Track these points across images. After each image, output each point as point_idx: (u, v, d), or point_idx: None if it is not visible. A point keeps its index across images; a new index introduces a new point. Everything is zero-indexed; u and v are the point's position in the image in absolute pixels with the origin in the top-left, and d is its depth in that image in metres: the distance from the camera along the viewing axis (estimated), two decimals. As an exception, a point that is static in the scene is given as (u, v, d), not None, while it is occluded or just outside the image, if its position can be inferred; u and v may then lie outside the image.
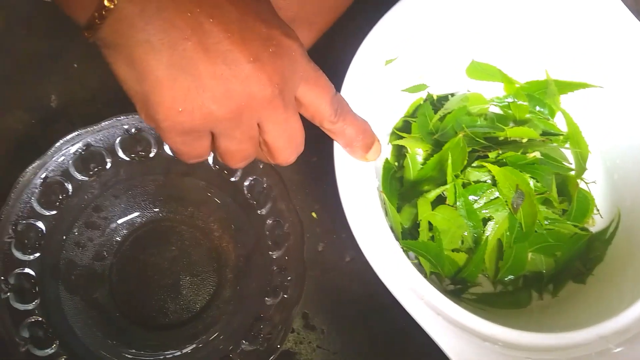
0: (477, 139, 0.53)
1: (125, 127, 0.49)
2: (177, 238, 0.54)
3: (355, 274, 0.57)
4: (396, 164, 0.57)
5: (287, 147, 0.38)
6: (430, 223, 0.52)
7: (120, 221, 0.53)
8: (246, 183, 0.51)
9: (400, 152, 0.57)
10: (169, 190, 0.54)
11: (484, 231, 0.52)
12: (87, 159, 0.49)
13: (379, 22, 0.49)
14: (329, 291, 0.56)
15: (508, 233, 0.52)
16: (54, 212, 0.49)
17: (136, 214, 0.53)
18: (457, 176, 0.51)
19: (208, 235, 0.54)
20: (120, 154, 0.50)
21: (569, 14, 0.54)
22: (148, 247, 0.53)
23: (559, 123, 0.59)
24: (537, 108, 0.58)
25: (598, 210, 0.57)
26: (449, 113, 0.54)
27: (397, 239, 0.49)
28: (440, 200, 0.52)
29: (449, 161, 0.51)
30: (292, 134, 0.37)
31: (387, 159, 0.56)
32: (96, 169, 0.50)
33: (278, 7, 0.38)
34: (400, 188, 0.55)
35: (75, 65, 0.58)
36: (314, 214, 0.58)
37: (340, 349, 0.55)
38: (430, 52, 0.54)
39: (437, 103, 0.57)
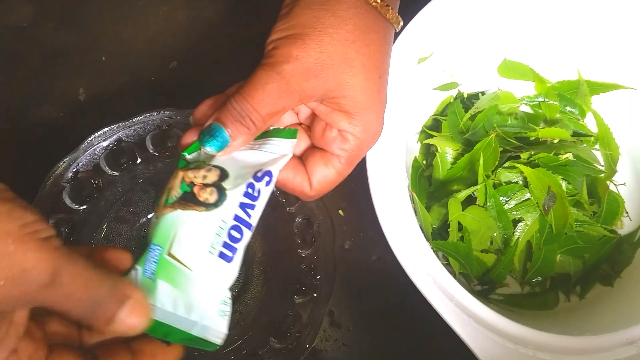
0: (509, 139, 0.52)
1: (157, 123, 0.49)
2: (205, 234, 0.54)
3: (382, 272, 0.57)
4: (424, 162, 0.56)
5: None
6: (459, 223, 0.51)
7: (149, 216, 0.53)
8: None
9: (428, 151, 0.56)
10: (197, 186, 0.54)
11: (513, 232, 0.51)
12: (117, 154, 0.49)
13: (412, 20, 0.48)
14: (355, 289, 0.56)
15: (538, 235, 0.52)
16: (84, 207, 0.49)
17: (165, 209, 0.53)
18: (487, 176, 0.51)
19: (235, 231, 0.54)
20: (151, 149, 0.50)
21: (603, 13, 0.53)
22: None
23: (589, 124, 0.58)
24: (568, 108, 0.57)
25: (627, 212, 0.56)
26: (480, 112, 0.53)
27: (427, 239, 0.49)
28: (469, 201, 0.52)
29: (481, 161, 0.50)
30: None
31: (415, 158, 0.56)
32: (126, 164, 0.50)
33: (345, 136, 0.37)
34: (428, 187, 0.54)
35: (104, 59, 0.58)
36: (341, 212, 0.57)
37: (367, 348, 0.55)
38: (462, 50, 0.53)
39: (467, 101, 0.56)
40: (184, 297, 0.33)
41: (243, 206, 0.34)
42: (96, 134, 0.48)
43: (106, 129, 0.48)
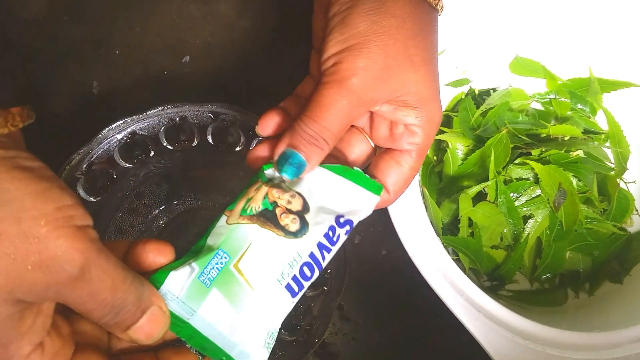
0: (520, 136, 0.52)
1: (170, 116, 0.50)
2: (216, 227, 0.54)
3: (390, 267, 0.57)
4: (435, 158, 0.57)
5: None
6: (470, 219, 0.52)
7: (161, 208, 0.53)
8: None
9: (439, 147, 0.57)
10: (209, 179, 0.54)
11: (523, 229, 0.51)
12: (131, 146, 0.50)
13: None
14: (364, 284, 0.56)
15: (548, 231, 0.52)
16: (98, 198, 0.50)
17: (177, 201, 0.54)
18: (498, 173, 0.51)
19: (246, 225, 0.54)
20: (164, 142, 0.50)
21: (615, 11, 0.54)
22: (188, 234, 0.54)
23: (600, 121, 0.58)
24: (579, 106, 0.58)
25: (637, 210, 0.56)
26: (491, 108, 0.54)
27: (438, 235, 0.50)
28: (480, 197, 0.52)
29: (492, 157, 0.50)
30: None
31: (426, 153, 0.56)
32: (140, 157, 0.50)
33: (413, 130, 0.36)
34: (439, 183, 0.55)
35: (117, 52, 0.59)
36: (351, 207, 0.58)
37: (376, 342, 0.55)
38: (474, 46, 0.53)
39: (478, 98, 0.57)
40: (233, 315, 0.31)
41: (321, 246, 0.33)
42: (110, 127, 0.49)
43: (120, 121, 0.49)
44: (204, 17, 0.60)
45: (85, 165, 0.49)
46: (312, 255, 0.33)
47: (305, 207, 0.34)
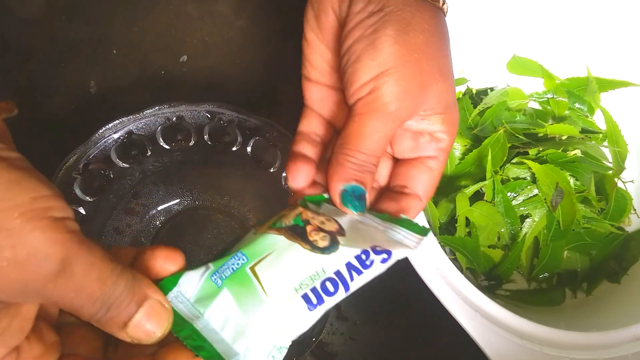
0: (517, 135, 0.52)
1: (167, 115, 0.50)
2: (213, 226, 0.54)
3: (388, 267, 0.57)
4: (432, 158, 0.57)
5: None
6: (467, 218, 0.52)
7: (158, 208, 0.53)
8: (284, 174, 0.52)
9: (437, 146, 0.57)
10: (206, 179, 0.54)
11: (521, 228, 0.51)
12: (128, 146, 0.50)
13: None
14: (362, 283, 0.56)
15: (545, 231, 0.52)
16: (95, 198, 0.50)
17: (174, 201, 0.54)
18: (496, 172, 0.51)
19: (243, 224, 0.54)
20: (161, 142, 0.50)
21: (612, 10, 0.53)
22: (185, 234, 0.54)
23: (598, 121, 0.58)
24: (577, 105, 0.57)
25: (635, 210, 0.56)
26: (489, 108, 0.54)
27: (435, 234, 0.49)
28: (477, 196, 0.52)
29: (489, 157, 0.50)
30: None
31: (423, 153, 0.56)
32: (137, 157, 0.50)
33: (438, 136, 0.37)
34: (436, 182, 0.55)
35: (115, 52, 0.59)
36: (348, 206, 0.58)
37: (373, 342, 0.55)
38: (471, 46, 0.53)
39: (476, 97, 0.56)
40: (241, 320, 0.30)
41: (350, 267, 0.31)
42: (107, 126, 0.49)
43: (117, 121, 0.49)
44: (202, 17, 0.60)
45: (81, 165, 0.49)
46: (337, 273, 0.31)
47: (340, 231, 0.33)
